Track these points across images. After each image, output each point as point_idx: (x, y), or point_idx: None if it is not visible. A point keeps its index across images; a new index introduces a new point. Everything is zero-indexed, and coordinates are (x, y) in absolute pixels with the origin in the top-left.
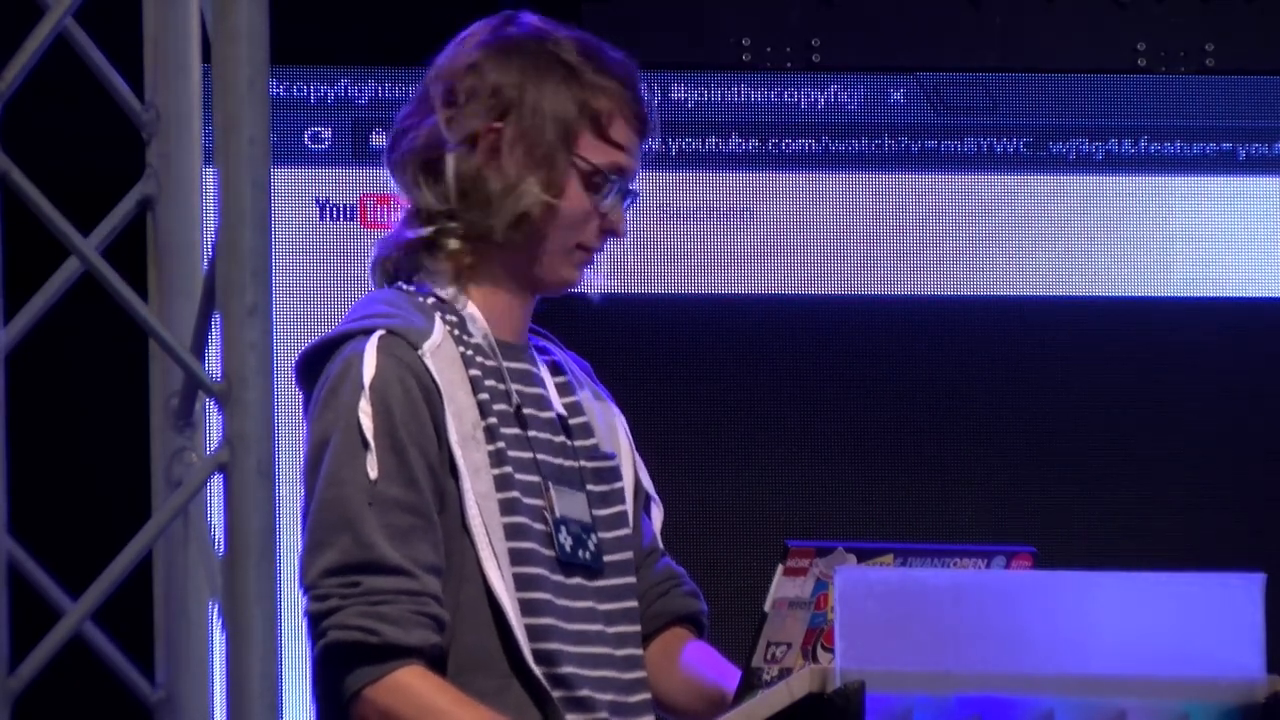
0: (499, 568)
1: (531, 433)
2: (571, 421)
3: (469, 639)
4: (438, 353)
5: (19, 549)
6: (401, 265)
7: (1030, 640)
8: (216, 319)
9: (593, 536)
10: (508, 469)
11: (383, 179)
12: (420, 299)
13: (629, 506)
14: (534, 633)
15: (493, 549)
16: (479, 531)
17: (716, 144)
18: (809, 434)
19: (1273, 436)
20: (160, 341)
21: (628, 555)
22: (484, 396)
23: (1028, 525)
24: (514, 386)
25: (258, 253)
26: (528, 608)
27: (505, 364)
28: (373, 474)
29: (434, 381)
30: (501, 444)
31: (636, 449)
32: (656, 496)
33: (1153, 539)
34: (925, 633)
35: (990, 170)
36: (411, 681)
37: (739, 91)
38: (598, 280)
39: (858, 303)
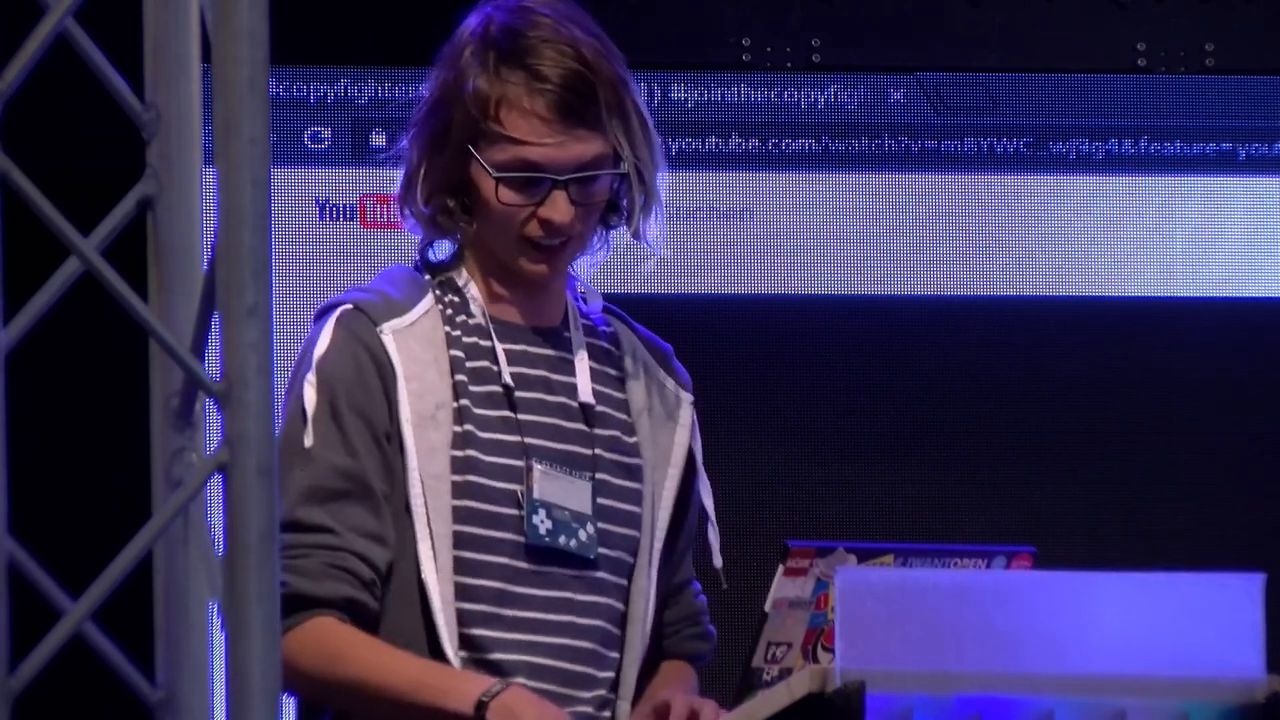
0: (433, 549)
1: (523, 415)
2: (598, 409)
3: (395, 617)
4: (407, 331)
5: (19, 549)
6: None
7: (1030, 640)
8: (216, 319)
9: (588, 525)
10: (472, 452)
11: (383, 179)
12: (424, 277)
13: (647, 510)
14: (466, 618)
15: (430, 529)
16: (419, 512)
17: (716, 144)
18: (809, 434)
19: (1273, 436)
20: (160, 341)
21: (627, 557)
22: (461, 377)
23: (1028, 525)
24: (511, 369)
25: (258, 253)
26: (467, 592)
27: (502, 345)
28: (308, 442)
29: (389, 358)
30: (471, 426)
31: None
32: (713, 518)
33: (1152, 539)
34: (925, 633)
35: (990, 170)
36: (316, 629)
37: (739, 91)
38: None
39: (858, 303)
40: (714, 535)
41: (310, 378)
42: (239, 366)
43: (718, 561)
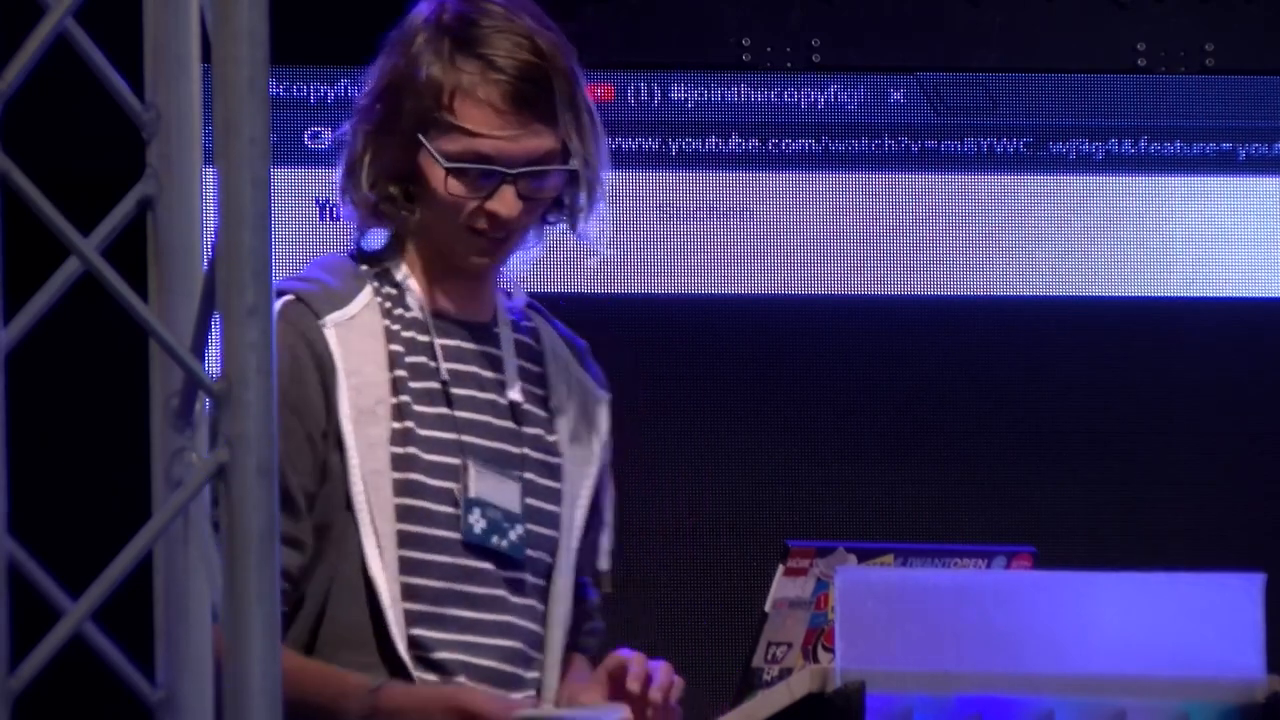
0: (379, 547)
1: (459, 412)
2: (524, 407)
3: (342, 615)
4: (348, 324)
5: (19, 549)
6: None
7: (1030, 640)
8: (216, 319)
9: (517, 527)
10: (412, 449)
11: None
12: (361, 268)
13: (566, 511)
14: (413, 617)
15: (375, 528)
16: (362, 510)
17: (716, 144)
18: (809, 434)
19: (1273, 436)
20: (160, 341)
21: (547, 558)
22: (401, 373)
23: (1028, 525)
24: (446, 364)
25: (258, 253)
26: (410, 592)
27: (439, 340)
28: None
29: (329, 352)
30: (411, 423)
31: (616, 469)
32: (609, 522)
33: (1152, 539)
34: (925, 633)
35: (990, 170)
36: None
37: (739, 91)
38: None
39: (858, 303)
40: (607, 539)
41: None
42: (239, 366)
43: (604, 565)
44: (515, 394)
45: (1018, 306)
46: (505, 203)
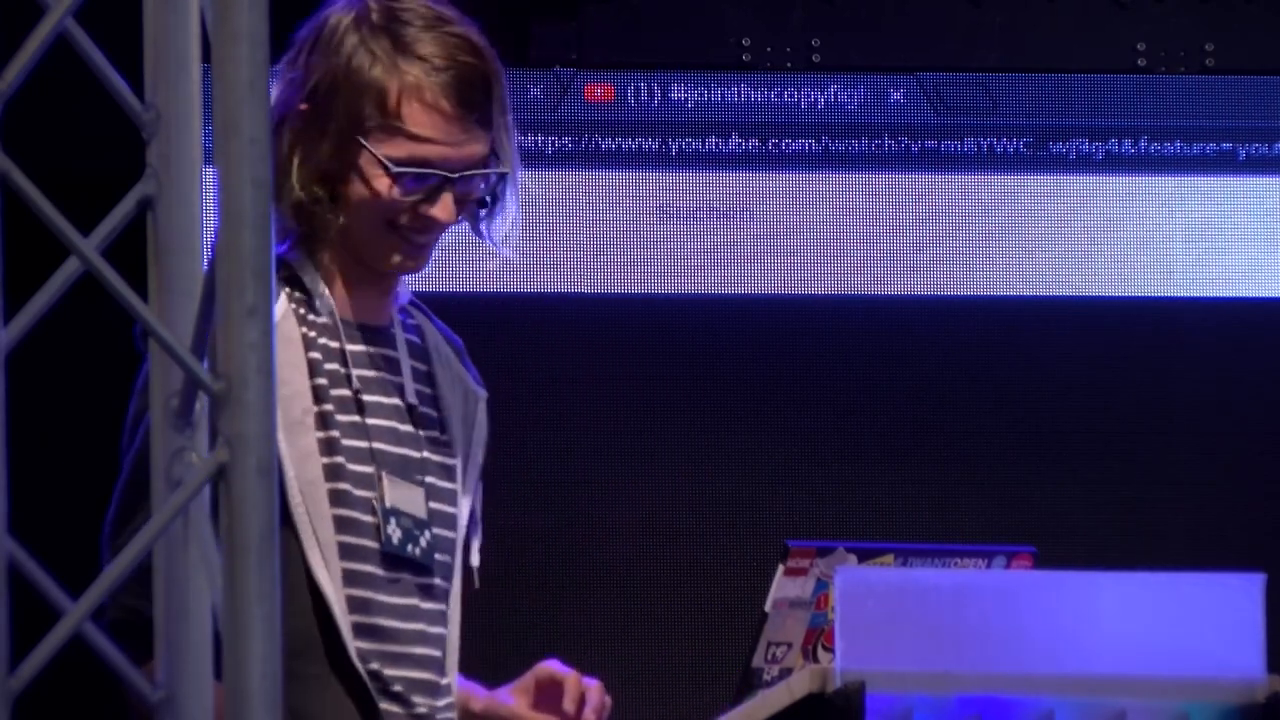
0: (323, 559)
1: (370, 420)
2: (420, 410)
3: (288, 623)
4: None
5: (19, 549)
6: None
7: (1030, 640)
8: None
9: (426, 533)
10: (339, 459)
11: None
12: None
13: (459, 511)
14: (356, 630)
15: (317, 539)
16: (302, 520)
17: (716, 144)
18: (809, 434)
19: (1273, 436)
20: (160, 341)
21: (448, 559)
22: (321, 381)
23: (1028, 525)
24: (355, 371)
25: (258, 253)
26: (354, 604)
27: (349, 346)
28: None
29: None
30: (335, 432)
31: (494, 461)
32: (480, 522)
33: (1153, 539)
34: (925, 633)
35: (990, 170)
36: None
37: (739, 91)
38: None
39: (858, 303)
40: (477, 536)
41: None
42: (239, 366)
43: (475, 560)
44: (412, 397)
45: (1018, 306)
46: (444, 207)
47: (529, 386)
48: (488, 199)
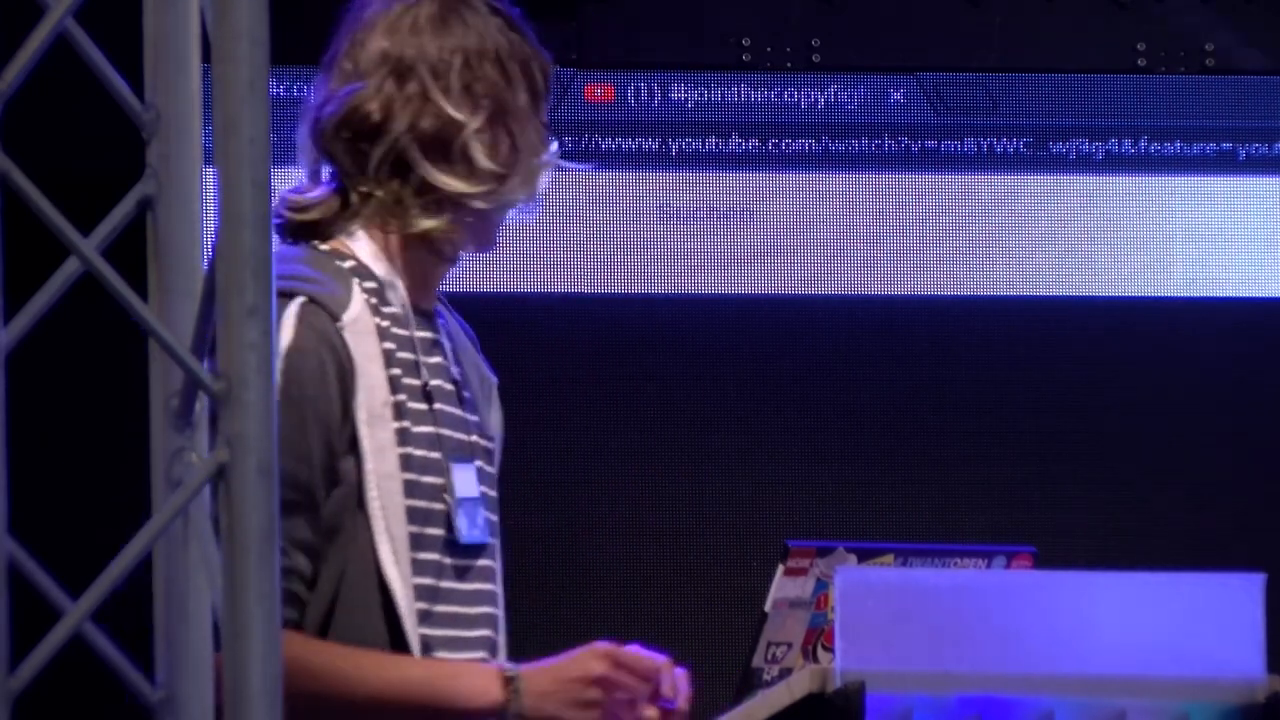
0: (394, 552)
1: (437, 406)
2: (464, 393)
3: (350, 620)
4: (355, 325)
5: (19, 549)
6: (318, 226)
7: (1030, 640)
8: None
9: (481, 513)
10: (409, 448)
11: None
12: (338, 263)
13: (496, 493)
14: (421, 618)
15: (390, 533)
16: (376, 514)
17: (716, 144)
18: (809, 434)
19: (1273, 436)
20: (160, 341)
21: (496, 541)
22: (395, 371)
23: (1028, 525)
24: (423, 359)
25: (258, 253)
26: (420, 593)
27: (416, 333)
28: None
29: (350, 356)
30: (407, 422)
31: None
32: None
33: (1153, 539)
34: (925, 633)
35: (990, 170)
36: None
37: (739, 91)
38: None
39: (858, 303)
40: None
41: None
42: (239, 366)
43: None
44: (458, 377)
45: (1018, 306)
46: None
47: (529, 386)
48: None
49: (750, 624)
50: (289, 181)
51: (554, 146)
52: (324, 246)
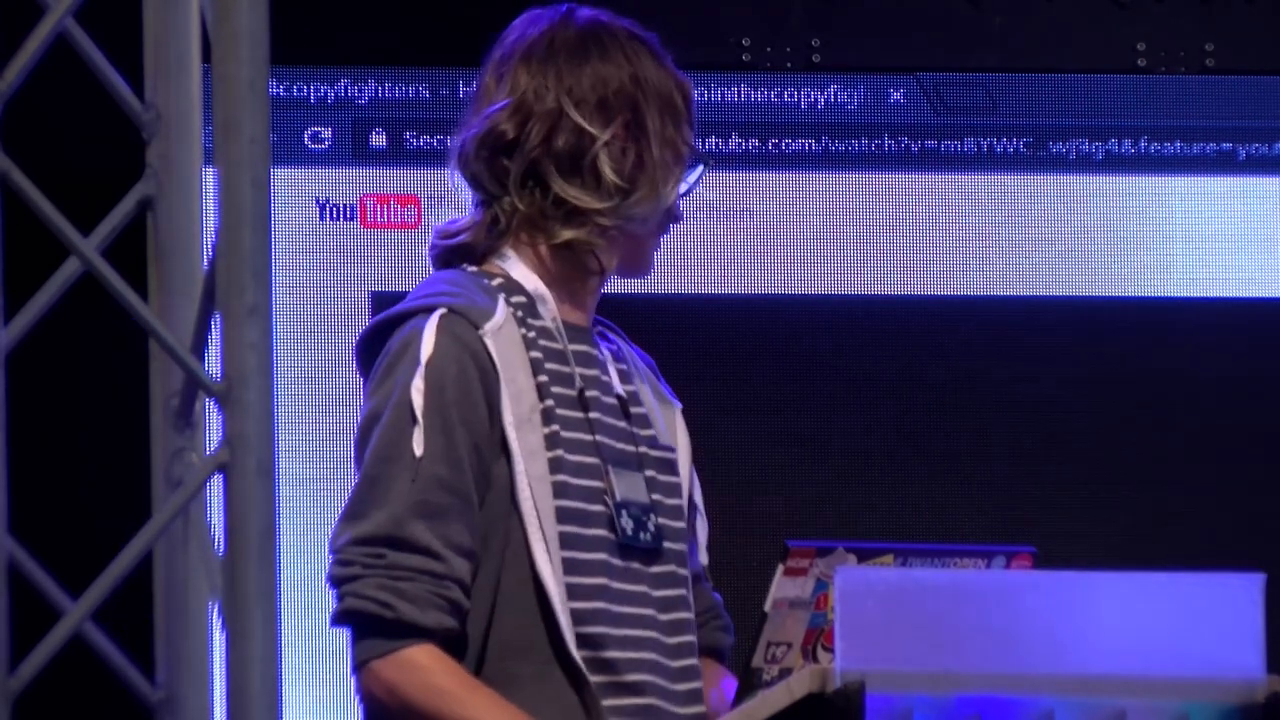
0: (547, 551)
1: (594, 415)
2: (632, 409)
3: (510, 622)
4: (498, 334)
5: (19, 549)
6: (470, 250)
7: (1030, 640)
8: (217, 319)
9: (652, 518)
10: (559, 452)
11: (383, 179)
12: (485, 281)
13: (684, 503)
14: (580, 617)
15: (543, 532)
16: (529, 515)
17: (716, 144)
18: (809, 434)
19: (1273, 436)
20: (160, 341)
21: (683, 546)
22: (543, 379)
23: (1028, 525)
24: (578, 370)
25: (258, 253)
26: (575, 592)
27: (571, 347)
28: (419, 450)
29: (492, 362)
30: (556, 427)
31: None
32: (704, 512)
33: (1153, 539)
34: (925, 633)
35: (990, 170)
36: (422, 660)
37: (739, 91)
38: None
39: (858, 303)
40: (704, 531)
41: (418, 383)
42: (239, 366)
43: (704, 559)
44: (621, 393)
45: (1018, 306)
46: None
47: None
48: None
49: (750, 624)
50: (289, 181)
51: (698, 170)
52: (473, 269)
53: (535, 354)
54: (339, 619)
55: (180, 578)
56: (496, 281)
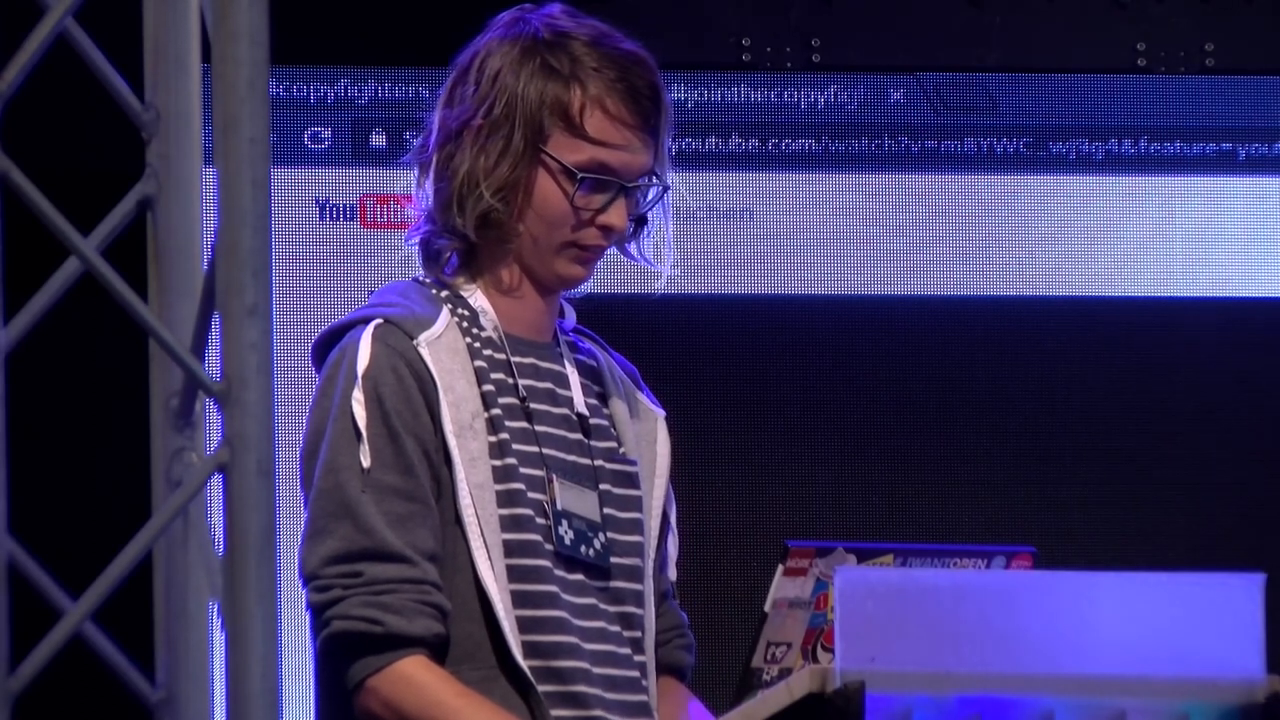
0: (489, 559)
1: (538, 427)
2: (592, 421)
3: (457, 628)
4: (436, 343)
5: (19, 549)
6: (424, 259)
7: (1030, 640)
8: (216, 319)
9: (600, 535)
10: (511, 460)
11: (383, 179)
12: (434, 291)
13: (645, 518)
14: (526, 625)
15: (484, 539)
16: (471, 522)
17: (716, 144)
18: (809, 434)
19: (1273, 436)
20: (160, 341)
21: (637, 561)
22: (489, 388)
23: (1028, 525)
24: (521, 381)
25: (258, 253)
26: (522, 599)
27: (513, 358)
28: (366, 462)
29: (428, 370)
30: (505, 435)
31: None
32: (675, 529)
33: (1153, 539)
34: (925, 633)
35: (990, 170)
36: (415, 672)
37: (739, 91)
38: (660, 278)
39: (858, 303)
40: (674, 546)
41: (357, 394)
42: (239, 366)
43: (672, 574)
44: (582, 408)
45: (1018, 306)
46: (619, 214)
47: None
48: (647, 215)
49: (750, 624)
50: (289, 181)
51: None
52: (428, 279)
53: (479, 363)
54: (327, 644)
55: (180, 578)
56: (444, 294)
